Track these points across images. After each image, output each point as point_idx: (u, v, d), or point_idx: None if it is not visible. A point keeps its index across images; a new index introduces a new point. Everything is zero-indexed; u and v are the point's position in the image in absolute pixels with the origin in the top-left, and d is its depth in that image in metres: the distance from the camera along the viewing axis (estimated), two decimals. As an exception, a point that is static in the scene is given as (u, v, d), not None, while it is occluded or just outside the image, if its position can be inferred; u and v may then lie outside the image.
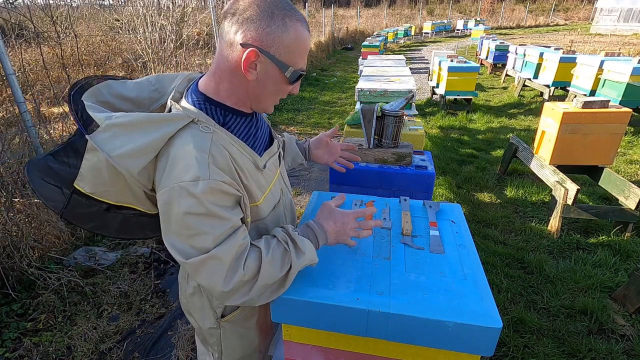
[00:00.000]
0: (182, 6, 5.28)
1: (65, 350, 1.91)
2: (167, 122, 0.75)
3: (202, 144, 0.75)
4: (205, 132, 0.77)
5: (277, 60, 0.75)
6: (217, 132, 0.79)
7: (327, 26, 14.83)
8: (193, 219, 0.72)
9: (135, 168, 0.73)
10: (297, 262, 0.82)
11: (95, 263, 2.48)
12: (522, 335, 1.95)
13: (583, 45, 13.58)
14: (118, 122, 0.72)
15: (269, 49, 0.74)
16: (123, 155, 0.72)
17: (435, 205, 1.22)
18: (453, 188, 3.59)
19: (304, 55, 0.80)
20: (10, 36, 3.23)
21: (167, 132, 0.74)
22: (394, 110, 1.68)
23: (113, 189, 0.79)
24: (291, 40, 0.75)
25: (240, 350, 1.05)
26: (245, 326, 1.02)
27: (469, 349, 0.79)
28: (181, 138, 0.75)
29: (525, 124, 5.62)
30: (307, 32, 0.78)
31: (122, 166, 0.72)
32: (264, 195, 0.89)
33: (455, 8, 32.13)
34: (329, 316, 0.83)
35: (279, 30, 0.73)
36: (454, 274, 0.90)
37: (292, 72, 0.78)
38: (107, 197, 0.80)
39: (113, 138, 0.72)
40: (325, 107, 6.93)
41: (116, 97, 0.84)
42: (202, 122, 0.78)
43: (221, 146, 0.78)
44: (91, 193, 0.78)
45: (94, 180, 0.77)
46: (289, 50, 0.76)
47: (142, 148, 0.73)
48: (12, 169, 2.43)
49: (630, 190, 2.65)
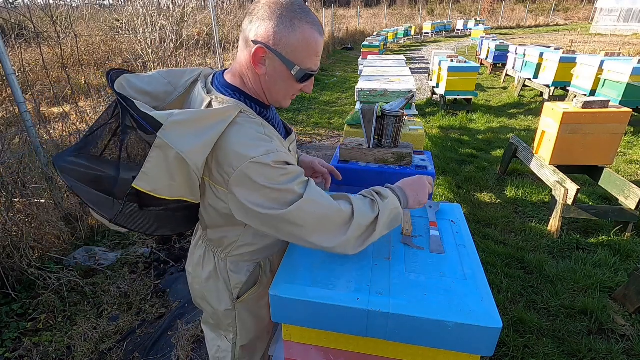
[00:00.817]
0: (182, 6, 5.28)
1: (65, 350, 1.91)
2: (222, 115, 0.80)
3: (258, 127, 0.84)
4: (253, 118, 0.86)
5: (283, 58, 0.82)
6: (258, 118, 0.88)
7: (327, 26, 14.84)
8: (274, 183, 0.79)
9: (202, 161, 0.79)
10: (382, 204, 0.89)
11: (95, 263, 2.48)
12: (522, 335, 1.95)
13: (583, 45, 13.58)
14: (180, 120, 0.76)
15: (276, 46, 0.80)
16: (192, 151, 0.76)
17: (435, 205, 1.22)
18: (453, 188, 3.59)
19: (312, 56, 0.84)
20: (10, 36, 3.23)
21: (224, 124, 0.80)
22: (394, 110, 1.68)
23: (173, 183, 0.80)
24: (298, 41, 0.80)
25: (253, 330, 1.12)
26: (258, 304, 1.09)
27: (469, 349, 0.79)
28: (233, 129, 0.81)
29: (525, 124, 5.62)
30: (318, 34, 0.83)
31: (192, 161, 0.77)
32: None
33: (455, 8, 32.13)
34: (329, 316, 0.83)
35: (286, 30, 0.79)
36: (454, 274, 0.90)
37: (298, 70, 0.83)
38: (162, 192, 0.80)
39: (181, 135, 0.76)
40: (325, 107, 6.93)
41: (135, 90, 0.90)
42: (247, 111, 0.86)
43: (267, 129, 0.87)
44: (149, 191, 0.78)
45: (157, 177, 0.77)
46: (295, 49, 0.81)
47: (207, 141, 0.78)
48: (12, 169, 2.43)
49: (630, 190, 2.65)
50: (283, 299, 0.85)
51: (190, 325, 2.06)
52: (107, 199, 0.82)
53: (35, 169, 2.62)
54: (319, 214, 0.83)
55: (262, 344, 1.20)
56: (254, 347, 1.17)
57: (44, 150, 2.68)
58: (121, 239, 2.82)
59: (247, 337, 1.12)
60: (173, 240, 2.80)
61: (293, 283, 0.87)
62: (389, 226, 0.91)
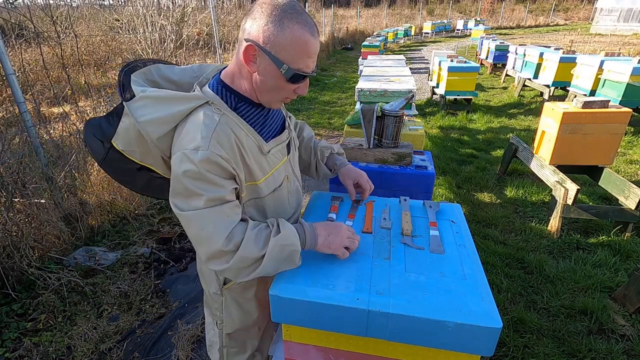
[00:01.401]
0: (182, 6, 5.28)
1: (65, 350, 1.91)
2: (185, 100, 0.87)
3: (210, 122, 0.85)
4: (216, 113, 0.87)
5: (272, 57, 0.83)
6: (227, 115, 0.89)
7: (327, 26, 14.83)
8: (189, 181, 0.82)
9: (155, 134, 0.87)
10: (273, 239, 0.87)
11: (95, 263, 2.48)
12: (522, 335, 1.95)
13: (583, 45, 13.58)
14: (149, 95, 0.86)
15: (265, 45, 0.82)
16: (146, 122, 0.86)
17: (435, 205, 1.22)
18: (453, 188, 3.59)
19: (303, 56, 0.84)
20: (10, 36, 3.23)
21: (185, 109, 0.87)
22: (394, 110, 1.68)
23: (138, 150, 0.92)
24: (286, 40, 0.81)
25: (238, 321, 1.14)
26: (244, 297, 1.11)
27: (469, 349, 0.79)
28: (195, 115, 0.87)
29: (525, 124, 5.62)
30: (309, 34, 0.83)
31: (144, 131, 0.86)
32: (265, 177, 0.98)
33: (455, 8, 32.12)
34: (329, 316, 0.83)
35: (276, 29, 0.81)
36: (454, 274, 0.90)
37: (286, 69, 0.84)
38: (134, 156, 0.93)
39: (143, 107, 0.86)
40: (325, 107, 6.93)
41: (162, 78, 0.98)
42: (215, 104, 0.89)
43: (227, 127, 0.87)
44: (122, 150, 0.92)
45: (125, 139, 0.91)
46: (284, 48, 0.82)
47: (162, 118, 0.86)
48: (12, 169, 2.43)
49: (630, 190, 2.65)
50: (283, 299, 0.85)
51: (190, 325, 2.06)
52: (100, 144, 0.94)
53: (35, 169, 2.62)
54: (203, 236, 0.84)
55: (252, 340, 1.20)
56: (242, 339, 1.18)
57: (44, 150, 2.68)
58: (121, 239, 2.82)
59: (232, 327, 1.15)
60: (173, 240, 2.80)
61: (293, 283, 0.87)
62: (277, 264, 0.88)
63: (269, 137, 0.99)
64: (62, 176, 2.78)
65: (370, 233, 1.07)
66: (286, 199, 1.08)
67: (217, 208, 0.84)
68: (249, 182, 0.94)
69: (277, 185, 1.03)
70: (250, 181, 0.95)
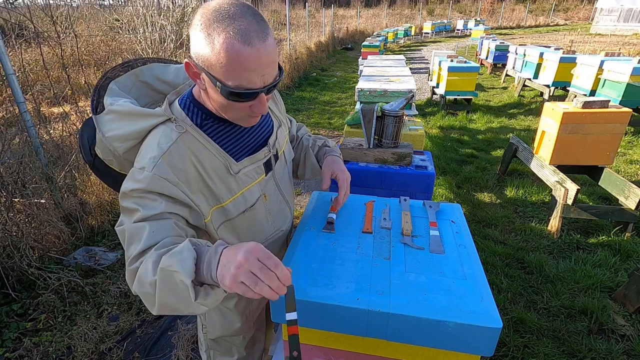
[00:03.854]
0: (182, 6, 5.28)
1: (65, 350, 1.91)
2: (147, 117, 0.84)
3: (165, 141, 0.81)
4: (175, 131, 0.82)
5: (207, 74, 0.74)
6: (189, 133, 0.84)
7: (327, 26, 14.82)
8: (129, 199, 0.79)
9: (120, 150, 0.85)
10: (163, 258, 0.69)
11: (95, 263, 2.48)
12: (522, 335, 1.95)
13: (583, 45, 13.58)
14: (115, 109, 0.84)
15: (198, 61, 0.74)
16: (111, 138, 0.84)
17: (435, 205, 1.22)
18: (453, 188, 3.59)
19: (236, 71, 0.72)
20: (10, 36, 3.23)
21: (146, 126, 0.83)
22: (394, 110, 1.68)
23: (115, 160, 0.90)
24: (214, 55, 0.70)
25: (220, 328, 1.12)
26: (225, 305, 1.08)
27: (469, 349, 0.79)
28: (155, 132, 0.83)
29: (525, 124, 5.62)
30: (242, 44, 0.69)
31: (111, 145, 0.84)
32: (233, 198, 0.91)
33: (455, 8, 32.13)
34: (329, 316, 0.83)
35: (204, 43, 0.71)
36: (454, 274, 0.90)
37: (221, 87, 0.74)
38: (113, 165, 0.91)
39: (109, 122, 0.84)
40: (325, 107, 6.93)
41: (156, 78, 0.95)
42: (177, 121, 0.84)
43: (185, 147, 0.82)
44: (102, 159, 0.91)
45: (102, 149, 0.88)
46: (213, 64, 0.72)
47: (126, 135, 0.84)
48: (12, 169, 2.43)
49: (630, 190, 2.65)
50: (283, 299, 0.84)
51: (190, 325, 2.06)
52: (88, 149, 0.94)
53: (35, 169, 2.62)
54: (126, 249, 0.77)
55: (239, 347, 1.16)
56: (226, 345, 1.16)
57: (44, 150, 2.68)
58: (121, 239, 2.82)
59: (214, 333, 1.12)
60: (173, 240, 2.80)
61: (293, 283, 0.87)
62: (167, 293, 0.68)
63: (241, 155, 0.91)
64: (62, 176, 2.78)
65: (370, 233, 1.07)
66: (263, 219, 1.00)
67: (146, 223, 0.76)
68: (215, 206, 0.88)
69: (249, 206, 0.94)
70: (216, 204, 0.88)
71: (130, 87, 0.94)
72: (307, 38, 12.00)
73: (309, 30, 12.72)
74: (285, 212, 1.11)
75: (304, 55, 10.07)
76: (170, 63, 1.00)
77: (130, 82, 0.91)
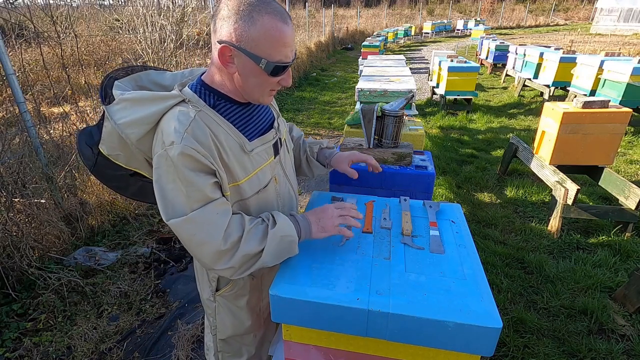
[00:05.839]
0: (182, 6, 5.27)
1: (65, 350, 1.91)
2: (162, 99, 0.85)
3: (184, 118, 0.83)
4: (192, 110, 0.85)
5: (249, 53, 0.81)
6: (204, 112, 0.87)
7: (327, 26, 14.83)
8: (169, 184, 0.81)
9: (134, 136, 0.85)
10: (271, 231, 0.87)
11: (95, 263, 2.48)
12: (522, 335, 1.95)
13: (583, 45, 13.58)
14: (127, 97, 0.85)
15: (239, 43, 0.80)
16: (124, 124, 0.84)
17: (435, 205, 1.22)
18: (453, 188, 3.58)
19: (279, 47, 0.81)
20: (10, 36, 3.23)
21: (161, 108, 0.85)
22: (394, 110, 1.68)
23: (122, 154, 0.91)
24: (259, 33, 0.79)
25: (231, 327, 1.13)
26: (236, 304, 1.10)
27: (469, 349, 0.79)
28: (170, 113, 0.85)
29: (525, 124, 5.62)
30: (281, 23, 0.80)
31: (124, 133, 0.84)
32: (248, 177, 0.94)
33: (455, 8, 32.12)
34: (329, 316, 0.83)
35: (246, 25, 0.78)
36: (454, 274, 0.90)
37: (266, 63, 0.82)
38: (120, 160, 0.92)
39: (121, 110, 0.85)
40: (325, 107, 6.93)
41: (153, 83, 0.97)
42: (192, 102, 0.87)
43: (203, 123, 0.85)
44: (108, 155, 0.91)
45: (109, 144, 0.89)
46: (259, 43, 0.80)
47: (140, 119, 0.84)
48: (12, 169, 2.43)
49: (630, 190, 2.65)
50: (283, 299, 0.85)
51: (190, 325, 2.06)
52: (90, 151, 0.94)
53: (35, 169, 2.62)
54: (197, 241, 0.82)
55: (248, 346, 1.19)
56: (236, 345, 1.18)
57: (44, 150, 2.68)
58: (121, 239, 2.82)
59: (225, 333, 1.14)
60: (173, 240, 2.80)
61: (293, 283, 0.87)
62: (277, 255, 0.89)
63: (253, 135, 0.96)
64: (62, 176, 2.78)
65: (370, 233, 1.07)
66: (274, 202, 1.05)
67: (205, 209, 0.82)
68: (232, 184, 0.91)
69: (262, 187, 0.99)
70: (232, 182, 0.91)
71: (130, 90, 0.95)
72: (307, 38, 12.00)
73: (309, 30, 12.72)
74: (292, 198, 1.15)
75: (304, 55, 10.07)
76: (165, 71, 1.02)
77: (130, 86, 0.93)
